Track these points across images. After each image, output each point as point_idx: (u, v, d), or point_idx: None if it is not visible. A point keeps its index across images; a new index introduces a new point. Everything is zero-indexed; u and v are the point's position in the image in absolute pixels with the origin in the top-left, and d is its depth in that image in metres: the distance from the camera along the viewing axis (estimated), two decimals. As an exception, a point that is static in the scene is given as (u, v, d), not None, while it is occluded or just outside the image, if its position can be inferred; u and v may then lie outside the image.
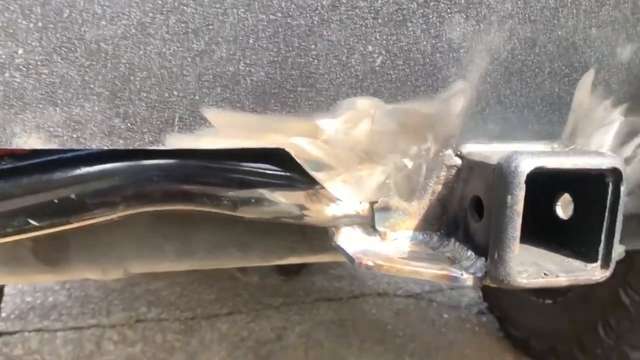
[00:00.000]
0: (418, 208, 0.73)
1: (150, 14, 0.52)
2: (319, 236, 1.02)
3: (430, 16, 0.58)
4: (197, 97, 0.57)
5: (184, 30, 0.53)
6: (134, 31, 0.52)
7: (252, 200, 0.70)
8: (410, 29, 0.58)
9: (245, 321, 2.94)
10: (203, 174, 0.68)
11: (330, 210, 0.73)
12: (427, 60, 0.60)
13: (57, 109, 0.55)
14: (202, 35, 0.54)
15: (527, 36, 0.62)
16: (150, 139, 0.58)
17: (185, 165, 0.67)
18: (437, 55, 0.60)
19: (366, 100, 0.62)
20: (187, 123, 0.59)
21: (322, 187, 0.69)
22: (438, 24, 0.59)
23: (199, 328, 2.86)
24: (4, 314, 2.90)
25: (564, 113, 0.69)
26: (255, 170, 0.70)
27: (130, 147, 0.58)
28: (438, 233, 0.74)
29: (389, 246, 0.73)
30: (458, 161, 0.70)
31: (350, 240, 0.74)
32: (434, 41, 0.59)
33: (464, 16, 0.59)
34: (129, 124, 0.57)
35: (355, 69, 0.59)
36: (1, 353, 2.57)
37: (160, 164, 0.66)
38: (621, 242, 1.03)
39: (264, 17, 0.54)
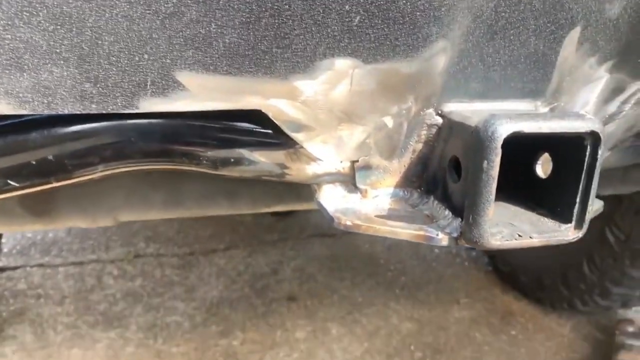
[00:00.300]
0: (399, 166, 0.73)
1: (114, -24, 0.49)
2: (306, 185, 1.02)
3: (410, -27, 0.55)
4: (168, 61, 0.56)
5: (150, -8, 0.51)
6: (103, -5, 0.50)
7: (232, 160, 0.70)
8: (388, -14, 0.56)
9: (242, 256, 3.02)
10: (181, 134, 0.68)
11: (311, 169, 0.73)
12: (407, 19, 0.58)
13: (25, 74, 0.53)
14: (169, -4, 0.51)
15: (511, -7, 0.60)
16: (123, 103, 0.58)
17: (163, 125, 0.67)
18: (417, 14, 0.58)
19: (344, 60, 0.60)
20: (160, 87, 0.57)
21: (302, 147, 0.69)
22: (418, -19, 0.56)
23: (197, 263, 2.94)
24: (5, 250, 2.97)
25: (548, 71, 0.68)
26: (234, 130, 0.69)
27: (104, 112, 0.58)
28: (418, 190, 0.75)
29: (370, 204, 0.74)
30: (439, 120, 0.69)
31: (332, 197, 0.75)
32: (413, 0, 0.57)
33: (446, -27, 0.56)
34: (100, 89, 0.56)
35: (332, 29, 0.57)
36: (5, 288, 2.65)
37: (137, 124, 0.66)
38: (607, 188, 1.04)
39: (234, -24, 0.52)
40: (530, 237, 0.62)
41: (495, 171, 0.58)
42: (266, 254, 3.03)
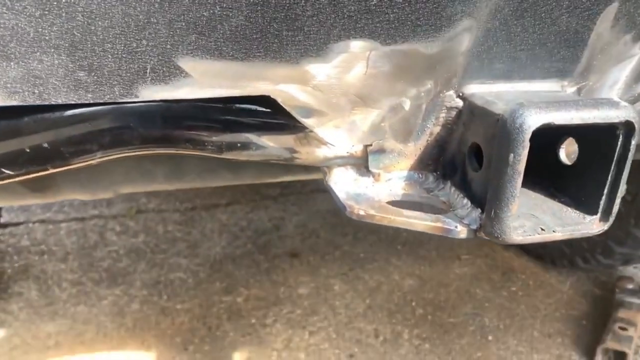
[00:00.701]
0: (414, 149, 0.70)
1: (105, -45, 0.44)
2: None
3: (437, -53, 0.49)
4: (169, 46, 0.51)
5: (147, -27, 0.45)
6: (88, -25, 0.44)
7: (239, 145, 0.66)
8: (412, -38, 0.50)
9: (244, 212, 3.01)
10: (184, 118, 0.64)
11: (322, 152, 0.69)
12: (431, -3, 0.53)
13: (12, 63, 0.49)
14: (169, -23, 0.46)
15: (547, -34, 0.54)
16: (122, 91, 0.53)
17: (164, 109, 0.62)
18: (443, -9, 0.53)
19: (361, 42, 0.55)
20: (161, 74, 0.53)
21: (313, 131, 0.64)
22: (445, -44, 0.50)
23: (199, 218, 2.93)
24: (7, 206, 2.96)
25: (579, 49, 0.63)
26: (240, 113, 0.65)
27: (100, 101, 0.53)
28: (434, 174, 0.71)
29: (383, 189, 0.71)
30: (459, 103, 0.65)
31: (343, 181, 0.72)
32: (439, -24, 0.51)
33: (476, -54, 0.50)
34: (95, 77, 0.51)
35: (349, 9, 0.52)
36: (9, 244, 2.66)
37: (137, 108, 0.61)
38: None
39: (240, -46, 0.46)
40: (554, 231, 0.59)
41: (521, 165, 0.54)
42: (268, 209, 3.03)
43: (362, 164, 0.71)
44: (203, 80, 0.54)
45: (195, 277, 2.43)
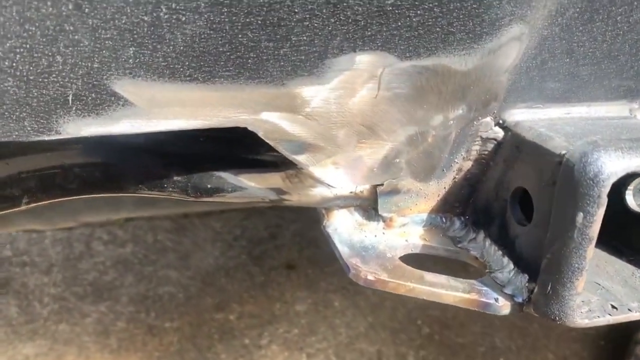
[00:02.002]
0: (437, 189, 0.54)
1: None
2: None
3: None
4: (96, 65, 0.35)
5: (49, -43, 0.30)
6: (-45, -39, 0.29)
7: (209, 186, 0.51)
8: (447, -57, 0.34)
9: (239, 219, 2.85)
10: (133, 154, 0.48)
11: (318, 193, 0.54)
12: (471, -7, 0.37)
13: None
14: (84, -36, 0.30)
15: (634, -49, 0.39)
16: (35, 126, 0.38)
17: (107, 142, 0.47)
18: (488, -15, 0.37)
19: (371, 56, 0.40)
20: (90, 102, 0.37)
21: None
22: None
23: (191, 227, 2.77)
24: (-12, 213, 2.81)
25: (659, 63, 0.47)
26: (208, 146, 0.49)
27: (5, 139, 0.38)
28: (462, 219, 0.56)
29: (396, 238, 0.55)
30: (499, 133, 0.49)
31: (345, 227, 0.56)
32: (484, -37, 0.36)
33: None
34: (-7, 108, 0.36)
35: (355, 10, 0.36)
36: (-11, 254, 2.51)
37: (67, 145, 0.46)
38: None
39: None
40: (629, 310, 0.44)
41: (595, 229, 0.39)
42: (264, 216, 2.87)
43: (369, 205, 0.56)
44: (150, 110, 0.39)
45: (186, 292, 2.28)
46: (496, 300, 0.46)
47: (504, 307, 0.46)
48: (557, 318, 0.43)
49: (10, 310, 2.17)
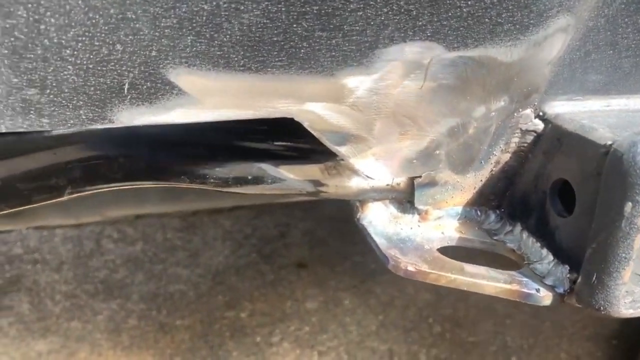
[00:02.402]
0: (474, 181, 0.55)
1: None
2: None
3: None
4: (154, 53, 0.36)
5: (118, -55, 0.30)
6: (28, -52, 0.29)
7: (249, 178, 0.51)
8: None
9: (248, 217, 2.85)
10: (178, 145, 0.49)
11: (355, 184, 0.54)
12: (521, -16, 0.38)
13: None
14: (152, -48, 0.31)
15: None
16: (90, 115, 0.38)
17: (150, 134, 0.47)
18: (538, -25, 0.37)
19: (419, 46, 0.40)
20: (145, 91, 0.38)
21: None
22: None
23: (201, 225, 2.78)
24: (-1, 211, 2.82)
25: (701, 55, 0.47)
26: (252, 138, 0.50)
27: (61, 128, 0.38)
28: (497, 212, 0.56)
29: (432, 231, 0.56)
30: (539, 125, 0.50)
31: (380, 219, 0.57)
32: (537, -47, 0.36)
33: None
34: (51, 96, 0.36)
35: (407, 0, 0.37)
36: (1, 252, 2.52)
37: (114, 134, 0.46)
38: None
39: None
40: (673, 300, 0.44)
41: (643, 218, 0.39)
42: (273, 214, 2.87)
43: (404, 197, 0.56)
44: (203, 99, 0.39)
45: (197, 290, 2.28)
46: (537, 290, 0.47)
47: (545, 297, 0.46)
48: (601, 308, 0.43)
49: (23, 307, 2.18)
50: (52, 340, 2.00)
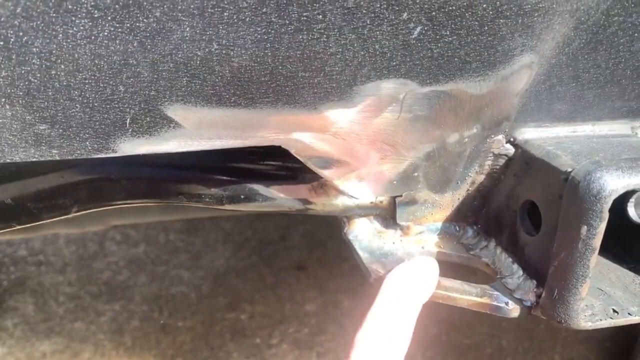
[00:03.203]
0: (452, 199, 0.58)
1: (64, -18, 0.33)
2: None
3: (499, -33, 0.38)
4: (153, 93, 0.40)
5: (121, 3, 0.34)
6: (43, 8, 0.33)
7: (242, 197, 0.55)
8: (466, -14, 0.39)
9: (249, 220, 2.90)
10: (176, 169, 0.53)
11: (341, 202, 0.58)
12: (486, 28, 0.42)
13: (-49, 116, 0.38)
14: (150, 8, 0.35)
15: (635, -10, 0.43)
16: (95, 146, 0.42)
17: (151, 159, 0.51)
18: (500, 21, 0.41)
19: (394, 83, 0.44)
20: (144, 125, 0.42)
21: (331, 182, 0.53)
22: (509, -22, 0.39)
23: (202, 227, 2.82)
24: (4, 213, 2.86)
25: (658, 86, 0.51)
26: (244, 162, 0.54)
27: (69, 157, 0.42)
28: (474, 227, 0.60)
29: (413, 245, 0.60)
30: (510, 150, 0.54)
31: (365, 234, 0.61)
32: (498, 3, 0.40)
33: (549, -35, 0.39)
34: (61, 130, 0.41)
35: (382, 44, 0.41)
36: (5, 254, 2.56)
37: (116, 159, 0.50)
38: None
39: (244, -22, 0.35)
40: (629, 314, 0.48)
41: (597, 240, 0.43)
42: (274, 217, 2.91)
43: (387, 214, 0.60)
44: (198, 130, 0.43)
45: (198, 292, 2.33)
46: (506, 304, 0.50)
47: (513, 310, 0.50)
48: (562, 321, 0.47)
49: (28, 308, 2.23)
50: (56, 341, 2.04)
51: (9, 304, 2.24)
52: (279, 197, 0.56)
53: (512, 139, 0.53)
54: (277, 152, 0.53)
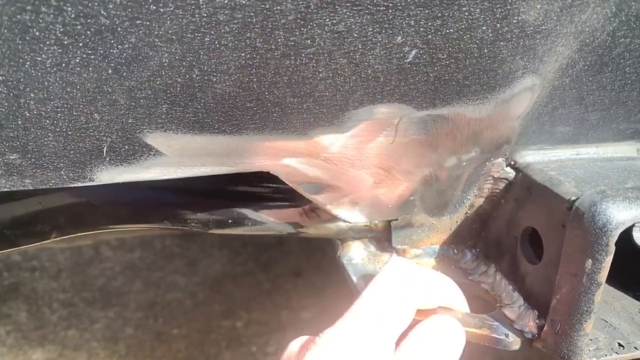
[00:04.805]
0: (450, 223, 0.56)
1: (30, 7, 0.30)
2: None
3: (500, -11, 0.36)
4: (130, 121, 0.37)
5: (93, 29, 0.32)
6: (6, 34, 0.31)
7: (230, 221, 0.53)
8: (464, 8, 0.36)
9: (245, 225, 2.87)
10: (159, 193, 0.50)
11: (334, 226, 0.56)
12: (485, 51, 0.39)
13: None
14: (124, 34, 0.32)
15: (642, 11, 0.40)
16: (70, 175, 0.40)
17: (134, 183, 0.49)
18: (501, 43, 0.39)
19: (388, 107, 0.42)
20: (123, 153, 0.39)
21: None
22: (509, 0, 0.36)
23: (199, 233, 2.80)
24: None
25: (665, 107, 0.49)
26: (231, 186, 0.51)
27: (43, 187, 0.40)
28: (473, 251, 0.58)
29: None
30: (510, 173, 0.51)
31: (359, 258, 0.58)
32: (498, 25, 0.38)
33: (552, -14, 0.36)
34: (33, 160, 0.38)
35: (375, 69, 0.38)
36: (-1, 260, 2.54)
37: (99, 185, 0.48)
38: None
39: (226, 1, 0.32)
40: (635, 348, 0.46)
41: (602, 275, 0.40)
42: (271, 222, 2.89)
43: (383, 237, 0.58)
44: (179, 158, 0.41)
45: (194, 299, 2.30)
46: (507, 336, 0.48)
47: (514, 342, 0.48)
48: (565, 356, 0.44)
49: (20, 315, 2.20)
50: (49, 349, 2.02)
51: (1, 311, 2.21)
52: (268, 221, 0.53)
53: (512, 162, 0.50)
54: (265, 175, 0.51)
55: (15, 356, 2.01)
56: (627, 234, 0.52)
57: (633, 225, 0.52)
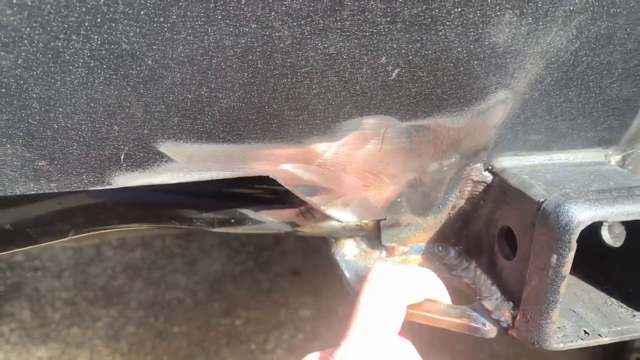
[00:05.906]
0: (434, 222, 0.61)
1: (62, 36, 0.35)
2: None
3: (471, 16, 0.40)
4: (146, 132, 0.42)
5: (115, 54, 0.37)
6: (42, 59, 0.36)
7: (232, 221, 0.57)
8: (440, 33, 0.41)
9: (244, 225, 2.92)
10: (169, 195, 0.55)
11: (328, 225, 0.60)
12: (461, 69, 0.44)
13: (-45, 155, 0.40)
14: (142, 57, 0.37)
15: (600, 33, 0.45)
16: (91, 179, 0.44)
17: (145, 186, 0.54)
18: (475, 62, 0.44)
19: (374, 119, 0.47)
20: (138, 160, 0.44)
21: (318, 207, 0.56)
22: (480, 24, 0.41)
23: (199, 233, 2.85)
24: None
25: (628, 117, 0.54)
26: (234, 189, 0.56)
27: (66, 190, 0.45)
28: (456, 248, 0.63)
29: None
30: (488, 177, 0.56)
31: (351, 255, 0.63)
32: (472, 46, 0.43)
33: (518, 13, 0.41)
34: (59, 166, 0.43)
35: (362, 85, 0.43)
36: (2, 259, 2.58)
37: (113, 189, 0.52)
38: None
39: (231, 29, 0.37)
40: (599, 335, 0.51)
41: (566, 268, 0.45)
42: (269, 222, 2.94)
43: (373, 235, 0.63)
44: (188, 164, 0.46)
45: (194, 297, 2.35)
46: (484, 325, 0.53)
47: (491, 331, 0.53)
48: (535, 342, 0.49)
49: (24, 314, 2.25)
50: (52, 347, 2.06)
51: (5, 310, 2.25)
52: (267, 220, 0.58)
53: (490, 167, 0.55)
54: (265, 179, 0.55)
55: (19, 354, 2.05)
56: (597, 233, 0.57)
57: (602, 224, 0.57)
